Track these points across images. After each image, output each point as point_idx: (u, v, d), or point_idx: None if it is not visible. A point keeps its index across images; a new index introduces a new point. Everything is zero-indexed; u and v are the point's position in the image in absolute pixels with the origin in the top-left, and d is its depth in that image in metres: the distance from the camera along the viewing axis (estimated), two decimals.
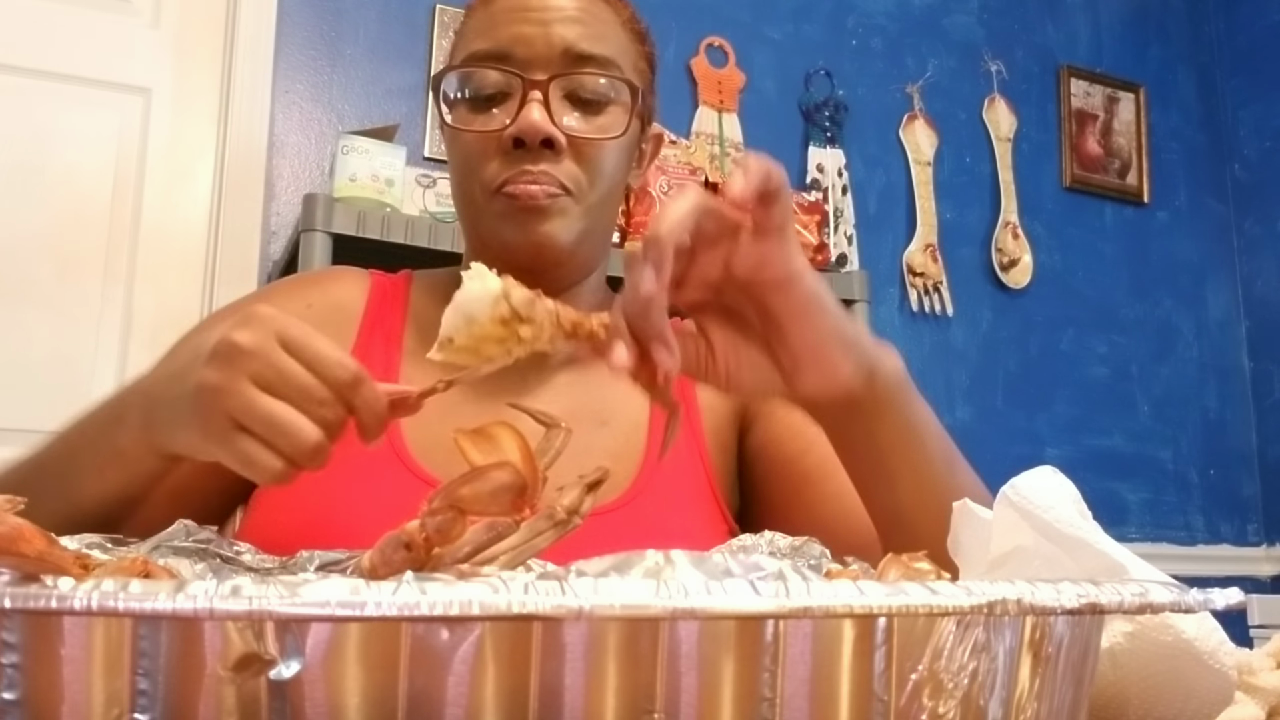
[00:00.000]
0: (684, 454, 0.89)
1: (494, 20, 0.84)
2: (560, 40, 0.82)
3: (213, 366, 0.53)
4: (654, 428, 0.89)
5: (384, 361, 0.87)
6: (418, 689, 0.33)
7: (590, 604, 0.32)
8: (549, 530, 0.50)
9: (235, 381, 0.52)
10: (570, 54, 0.83)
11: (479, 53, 0.84)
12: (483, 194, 0.84)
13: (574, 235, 0.85)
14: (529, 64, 0.82)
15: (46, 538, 0.35)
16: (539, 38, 0.82)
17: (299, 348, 0.53)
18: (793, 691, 0.35)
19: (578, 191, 0.83)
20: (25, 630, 0.32)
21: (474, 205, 0.86)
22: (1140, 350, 2.93)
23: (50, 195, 2.00)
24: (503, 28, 0.83)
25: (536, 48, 0.82)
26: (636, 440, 0.89)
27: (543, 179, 0.81)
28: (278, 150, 2.13)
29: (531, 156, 0.81)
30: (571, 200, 0.83)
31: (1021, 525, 0.50)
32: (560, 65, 0.83)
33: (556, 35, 0.82)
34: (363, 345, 0.88)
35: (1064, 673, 0.40)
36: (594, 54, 0.83)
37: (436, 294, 0.93)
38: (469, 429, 0.49)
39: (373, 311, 0.90)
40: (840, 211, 2.54)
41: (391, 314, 0.91)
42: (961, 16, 2.86)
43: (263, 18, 2.13)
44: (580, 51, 0.83)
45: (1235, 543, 2.96)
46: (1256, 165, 3.11)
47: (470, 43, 0.85)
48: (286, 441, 0.52)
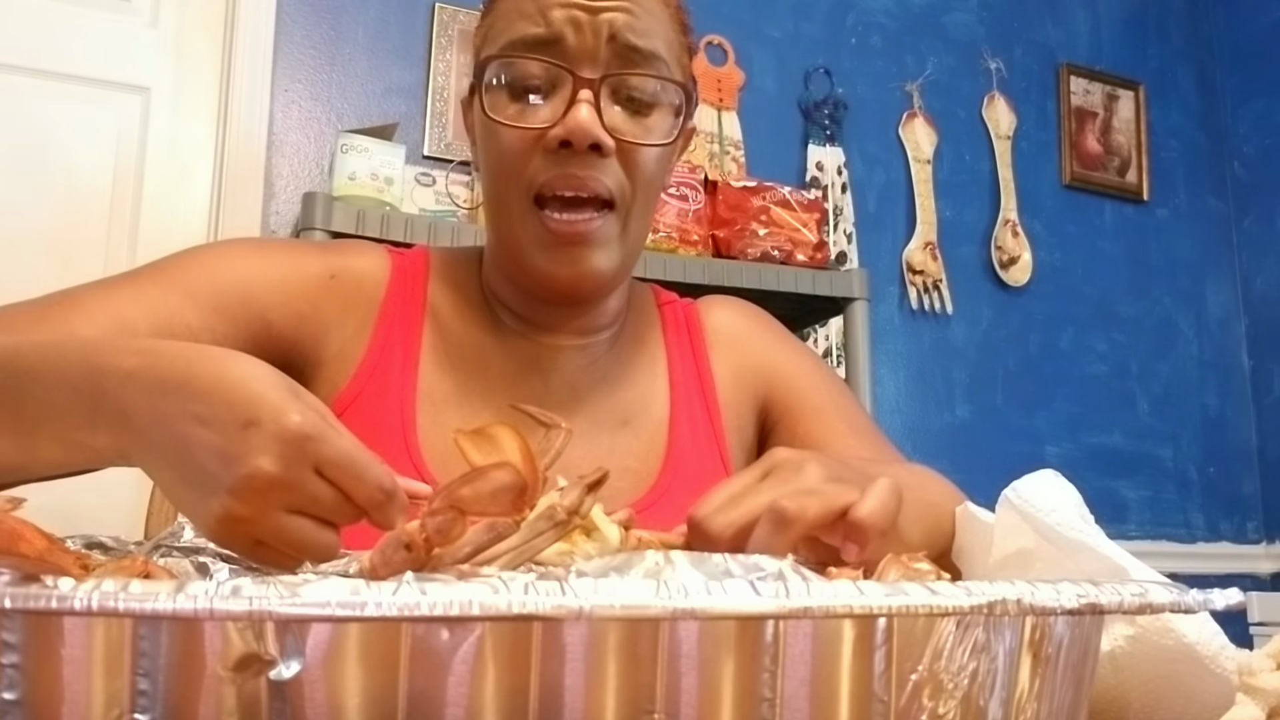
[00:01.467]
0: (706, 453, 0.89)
1: (540, 4, 0.79)
2: (609, 28, 0.78)
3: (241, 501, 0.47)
4: (674, 428, 0.89)
5: (401, 364, 0.85)
6: (418, 689, 0.33)
7: (590, 604, 0.32)
8: (549, 530, 0.50)
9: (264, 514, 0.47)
10: (621, 46, 0.79)
11: (525, 38, 0.79)
12: (521, 200, 0.79)
13: (616, 260, 0.82)
14: (577, 56, 0.78)
15: (46, 538, 0.35)
16: (588, 25, 0.78)
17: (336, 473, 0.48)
18: (793, 691, 0.35)
19: (620, 199, 0.80)
20: (25, 630, 0.32)
21: (507, 211, 0.81)
22: (1140, 348, 2.93)
23: (50, 194, 2.00)
24: (550, 12, 0.78)
25: (585, 36, 0.78)
26: (658, 440, 0.88)
27: (590, 184, 0.78)
28: (277, 149, 2.13)
29: (577, 160, 0.77)
30: (614, 216, 0.80)
31: (1023, 528, 0.50)
32: (609, 58, 0.79)
33: (606, 23, 0.78)
34: (379, 344, 0.85)
35: (1064, 673, 0.40)
36: (643, 48, 0.79)
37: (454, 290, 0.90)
38: (469, 429, 0.49)
39: (393, 296, 0.87)
40: (840, 210, 2.53)
41: (410, 309, 0.88)
42: (961, 14, 2.86)
43: (262, 17, 2.13)
44: (630, 44, 0.79)
45: (1235, 540, 2.96)
46: (1256, 163, 3.11)
47: (513, 25, 0.80)
48: (311, 555, 0.49)
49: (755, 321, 0.99)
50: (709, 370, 0.93)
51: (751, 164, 2.47)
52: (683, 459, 0.87)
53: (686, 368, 0.93)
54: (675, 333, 0.95)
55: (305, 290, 0.84)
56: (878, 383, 2.42)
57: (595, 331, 0.90)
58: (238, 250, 0.85)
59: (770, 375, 0.93)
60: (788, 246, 2.01)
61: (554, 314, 0.88)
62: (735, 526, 0.54)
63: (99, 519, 1.06)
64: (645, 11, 0.80)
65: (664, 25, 0.82)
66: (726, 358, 0.94)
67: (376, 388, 0.83)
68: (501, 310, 0.89)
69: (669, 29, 0.83)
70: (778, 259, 1.99)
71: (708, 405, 0.91)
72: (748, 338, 0.96)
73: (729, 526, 0.54)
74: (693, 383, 0.92)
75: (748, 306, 1.01)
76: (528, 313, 0.88)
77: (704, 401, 0.91)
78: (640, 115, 0.81)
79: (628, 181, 0.80)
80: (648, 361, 0.92)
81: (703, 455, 0.88)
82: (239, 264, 0.82)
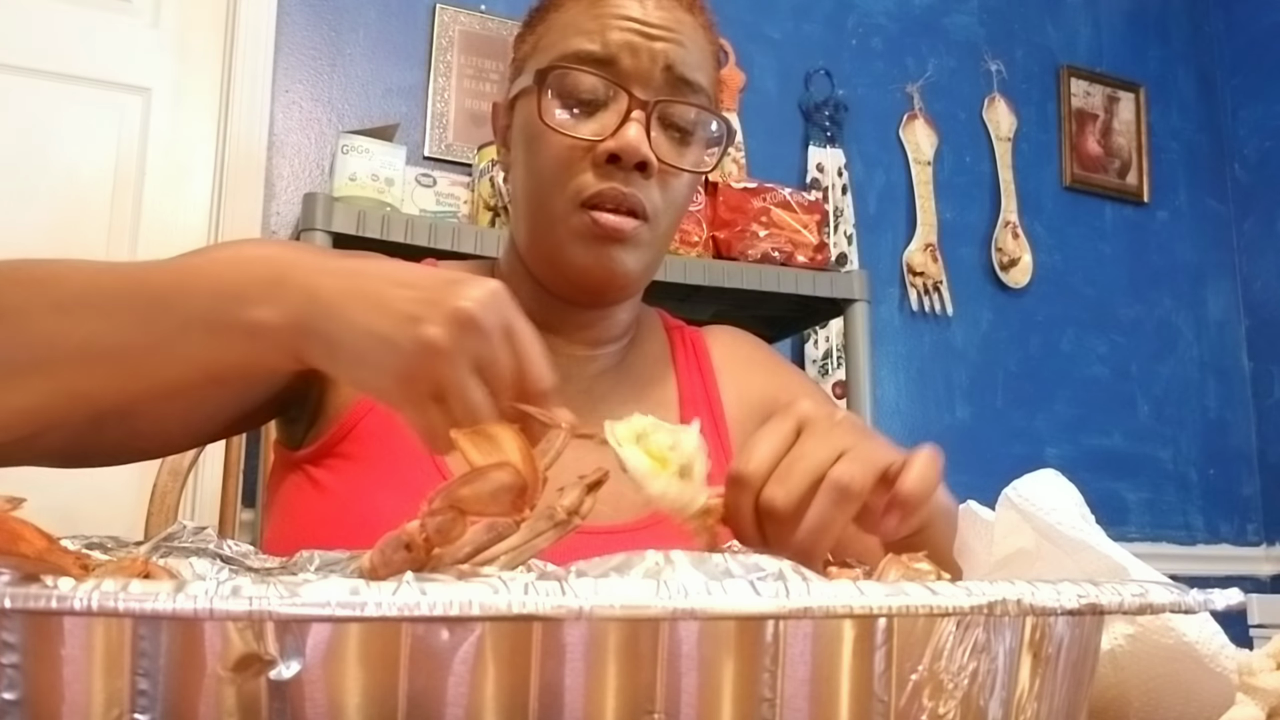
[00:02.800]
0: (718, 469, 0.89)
1: (601, 23, 0.83)
2: (665, 58, 0.82)
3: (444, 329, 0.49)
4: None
5: None
6: (418, 689, 0.33)
7: (590, 604, 0.32)
8: (549, 530, 0.50)
9: (459, 355, 0.50)
10: (672, 74, 0.82)
11: (583, 53, 0.82)
12: (566, 205, 0.83)
13: (644, 265, 0.86)
14: (633, 77, 0.82)
15: (46, 538, 0.35)
16: (644, 50, 0.82)
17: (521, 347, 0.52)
18: (793, 692, 0.35)
19: (654, 218, 0.84)
20: (25, 630, 0.32)
21: (549, 212, 0.84)
22: (1140, 350, 2.93)
23: (51, 195, 2.00)
24: (611, 32, 0.82)
25: (642, 60, 0.82)
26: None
27: (631, 200, 0.82)
28: (277, 149, 2.13)
29: (624, 176, 0.81)
30: (648, 229, 0.84)
31: (1023, 527, 0.51)
32: (661, 85, 0.82)
33: (661, 52, 0.82)
34: None
35: (1064, 673, 0.40)
36: (691, 80, 0.84)
37: None
38: (469, 429, 0.49)
39: None
40: (840, 211, 2.54)
41: None
42: (961, 16, 2.86)
43: (263, 17, 2.13)
44: (681, 74, 0.83)
45: (1235, 542, 2.96)
46: (1256, 165, 3.11)
47: (570, 39, 0.83)
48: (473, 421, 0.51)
49: (758, 350, 1.03)
50: (716, 391, 0.96)
51: (752, 165, 2.47)
52: None
53: (695, 387, 0.95)
54: (684, 355, 0.98)
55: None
56: (878, 384, 2.42)
57: (606, 342, 0.93)
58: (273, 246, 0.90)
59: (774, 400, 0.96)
60: (788, 248, 2.01)
61: (572, 318, 0.90)
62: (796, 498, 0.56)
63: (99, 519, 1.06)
64: (694, 45, 0.85)
65: (707, 60, 0.87)
66: (732, 381, 0.97)
67: None
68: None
69: (710, 64, 0.88)
70: (778, 260, 1.99)
71: (716, 423, 0.93)
72: (752, 364, 1.00)
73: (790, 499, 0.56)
74: (701, 401, 0.94)
75: (750, 336, 1.06)
76: (546, 317, 0.89)
77: (713, 419, 0.93)
78: (681, 142, 0.85)
79: (661, 202, 0.84)
80: (659, 378, 0.95)
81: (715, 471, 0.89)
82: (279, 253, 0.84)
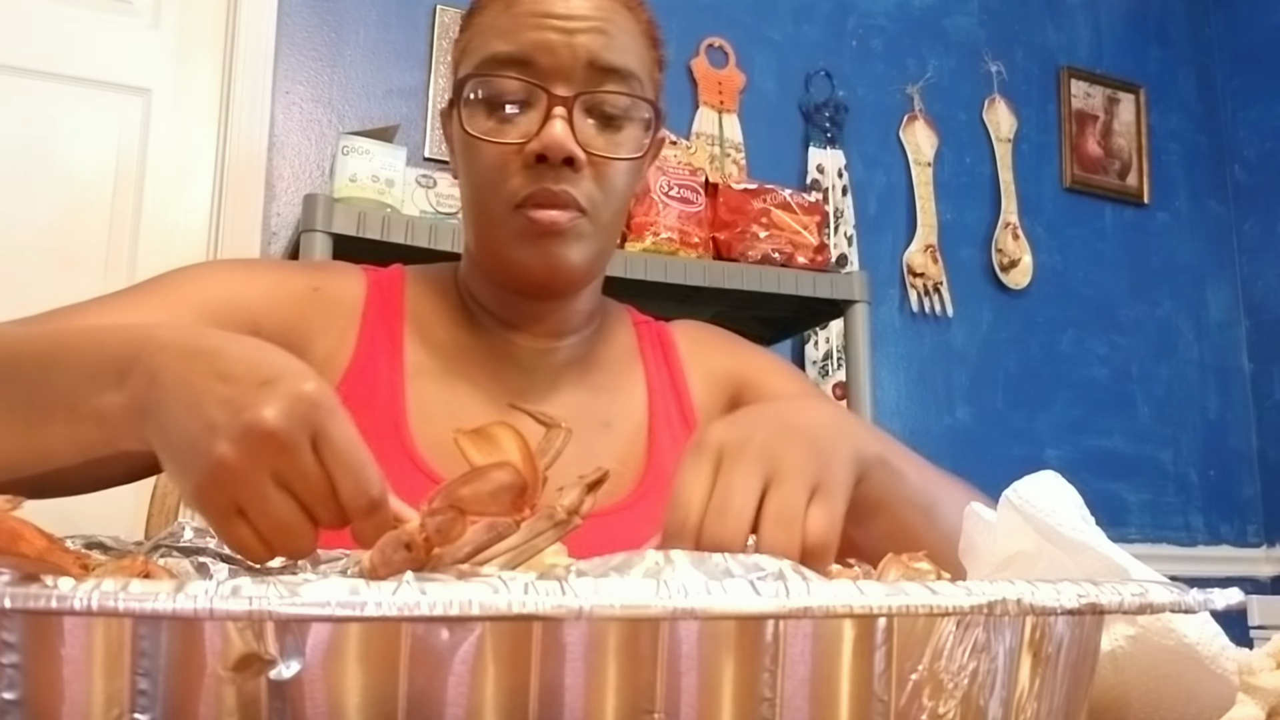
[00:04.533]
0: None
1: (516, 23, 0.83)
2: (585, 51, 0.82)
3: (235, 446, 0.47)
4: (654, 431, 0.91)
5: (388, 370, 0.87)
6: (418, 689, 0.33)
7: (590, 604, 0.32)
8: (549, 530, 0.50)
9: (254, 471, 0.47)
10: (594, 66, 0.82)
11: (500, 56, 0.83)
12: (501, 208, 0.83)
13: (589, 257, 0.86)
14: (552, 74, 0.82)
15: (46, 538, 0.35)
16: (563, 47, 0.82)
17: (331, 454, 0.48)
18: (793, 691, 0.35)
19: (593, 210, 0.84)
20: (25, 630, 0.32)
21: (488, 216, 0.85)
22: (1140, 351, 2.93)
23: (51, 195, 2.00)
24: (525, 32, 0.82)
25: (560, 58, 0.82)
26: (639, 442, 0.91)
27: (563, 198, 0.82)
28: (278, 151, 2.13)
29: (553, 174, 0.81)
30: (588, 221, 0.84)
31: (1024, 528, 0.50)
32: (584, 77, 0.82)
33: (581, 45, 0.82)
34: (364, 349, 0.88)
35: (1064, 673, 0.40)
36: (616, 67, 0.83)
37: (433, 296, 0.94)
38: (469, 429, 0.49)
39: (371, 310, 0.91)
40: (840, 212, 2.54)
41: (390, 315, 0.91)
42: (962, 17, 2.86)
43: (263, 18, 2.13)
44: (603, 64, 0.83)
45: (1235, 544, 2.96)
46: (1256, 166, 3.11)
47: (489, 43, 0.84)
48: (282, 544, 0.49)
49: (720, 335, 1.05)
50: (684, 380, 0.97)
51: (752, 166, 2.47)
52: (663, 461, 0.89)
53: (662, 378, 0.97)
54: (651, 347, 0.99)
55: (291, 299, 0.87)
56: (878, 385, 2.42)
57: (568, 333, 0.93)
58: (226, 266, 0.91)
59: (738, 378, 0.98)
60: (788, 249, 2.01)
61: (529, 311, 0.91)
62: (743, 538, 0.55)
63: (99, 519, 1.06)
64: (619, 30, 0.84)
65: (636, 41, 0.86)
66: (698, 368, 0.98)
67: (366, 390, 0.86)
68: (479, 312, 0.93)
69: (640, 44, 0.87)
70: (778, 261, 1.99)
71: (684, 411, 0.94)
72: (715, 348, 1.01)
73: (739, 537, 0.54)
74: (669, 391, 0.96)
75: (714, 327, 1.07)
76: (504, 313, 0.92)
77: (680, 408, 0.95)
78: (611, 130, 0.85)
79: (599, 193, 0.84)
80: (626, 369, 0.96)
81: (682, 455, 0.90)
82: (229, 277, 0.87)
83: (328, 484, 0.48)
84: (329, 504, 0.49)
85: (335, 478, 0.48)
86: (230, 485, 0.48)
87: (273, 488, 0.48)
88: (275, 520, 0.48)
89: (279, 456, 0.47)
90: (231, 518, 0.48)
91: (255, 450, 0.47)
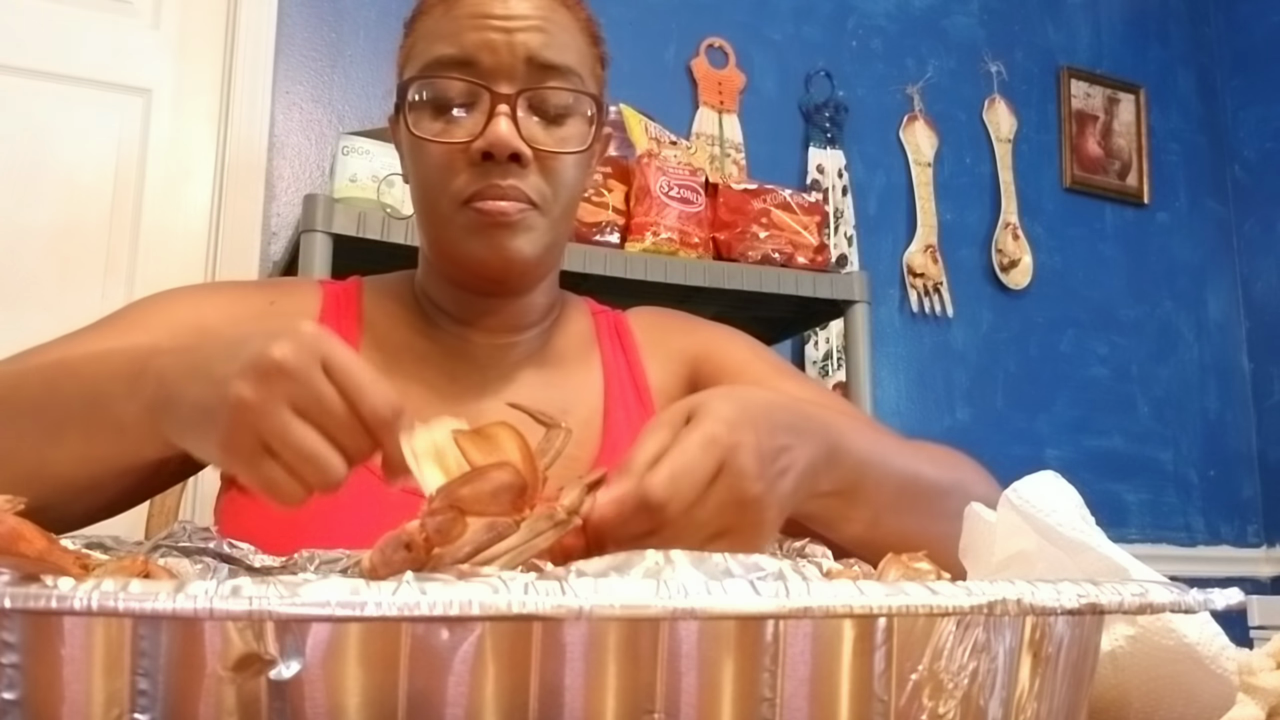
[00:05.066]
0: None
1: (457, 25, 0.85)
2: (524, 49, 0.84)
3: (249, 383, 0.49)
4: (609, 415, 0.94)
5: None
6: (418, 689, 0.33)
7: (590, 604, 0.32)
8: (549, 530, 0.50)
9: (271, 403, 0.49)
10: (534, 63, 0.84)
11: (442, 59, 0.85)
12: (450, 206, 0.85)
13: (540, 248, 0.87)
14: (494, 73, 0.83)
15: (46, 538, 0.35)
16: (503, 46, 0.83)
17: (343, 375, 0.50)
18: (793, 691, 0.35)
19: (543, 204, 0.85)
20: (25, 630, 0.32)
21: (438, 215, 0.87)
22: (1140, 351, 2.93)
23: (51, 195, 2.00)
24: (466, 34, 0.84)
25: (501, 56, 0.83)
26: (593, 431, 0.93)
27: (511, 193, 0.83)
28: (278, 151, 2.13)
29: (500, 170, 0.83)
30: (538, 214, 0.85)
31: (1024, 528, 0.51)
32: (525, 75, 0.84)
33: (520, 44, 0.84)
34: None
35: (1064, 673, 0.40)
36: (557, 64, 0.85)
37: (389, 302, 0.96)
38: (469, 429, 0.49)
39: (327, 322, 0.92)
40: (840, 212, 2.54)
41: (346, 324, 0.93)
42: (962, 17, 2.86)
43: (263, 18, 2.13)
44: (544, 61, 0.84)
45: (1235, 544, 2.96)
46: (1256, 166, 3.11)
47: (431, 46, 0.86)
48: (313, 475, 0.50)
49: (676, 316, 1.06)
50: (640, 364, 0.99)
51: (752, 167, 2.47)
52: (618, 445, 0.90)
53: (619, 364, 0.98)
54: (608, 337, 1.00)
55: (249, 316, 0.90)
56: (878, 385, 2.42)
57: (524, 328, 0.95)
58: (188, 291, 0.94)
59: (696, 353, 0.99)
60: (788, 249, 2.01)
61: (484, 308, 0.93)
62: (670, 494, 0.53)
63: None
64: (558, 28, 0.86)
65: (575, 39, 0.88)
66: (655, 351, 1.00)
67: None
68: (436, 314, 0.95)
69: (580, 41, 0.89)
70: (778, 262, 1.99)
71: (640, 394, 0.96)
72: (670, 330, 1.02)
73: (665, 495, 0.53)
74: (625, 376, 0.97)
75: (670, 310, 1.08)
76: (460, 311, 0.94)
77: (636, 391, 0.96)
78: (555, 125, 0.86)
79: (548, 187, 0.85)
80: (582, 358, 0.97)
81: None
82: (191, 300, 0.90)
83: (345, 406, 0.50)
84: (350, 426, 0.50)
85: (352, 397, 0.50)
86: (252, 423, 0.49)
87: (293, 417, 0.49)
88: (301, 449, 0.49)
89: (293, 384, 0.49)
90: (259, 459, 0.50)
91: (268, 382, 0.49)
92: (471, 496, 0.43)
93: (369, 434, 0.51)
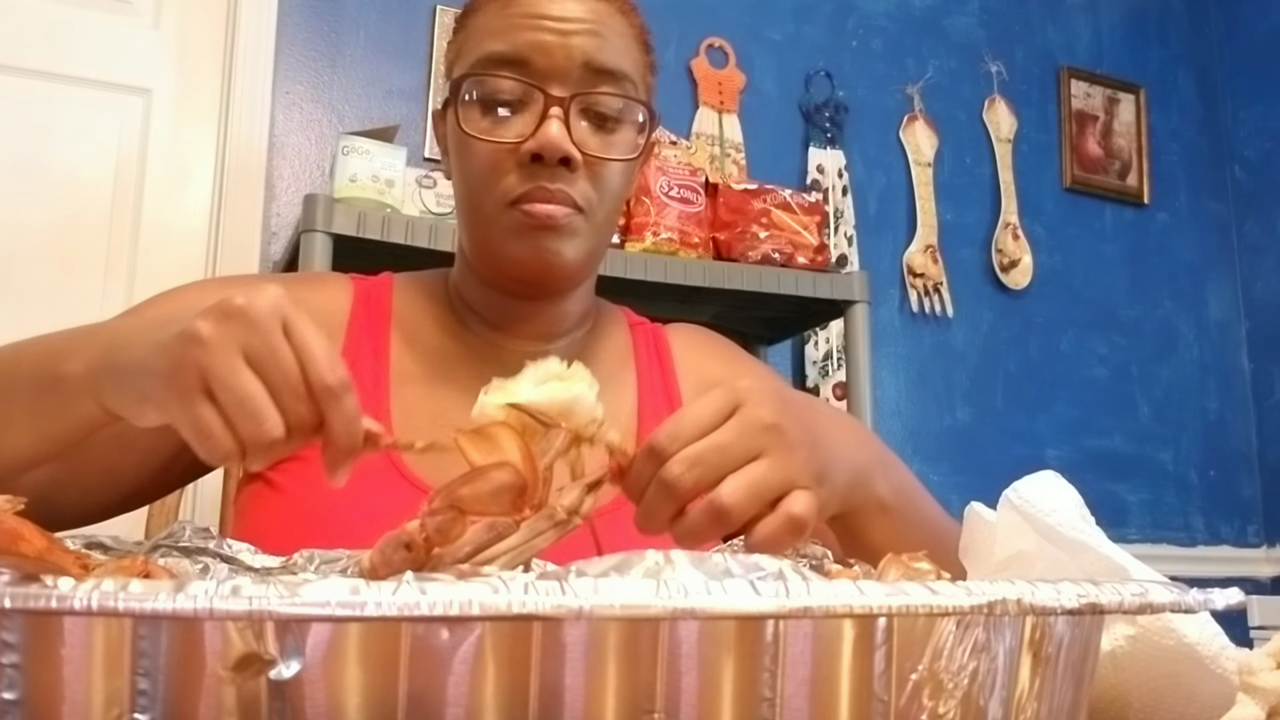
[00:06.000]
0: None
1: (511, 24, 0.83)
2: (580, 53, 0.82)
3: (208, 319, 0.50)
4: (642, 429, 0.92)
5: (373, 375, 0.88)
6: (418, 689, 0.33)
7: (590, 604, 0.32)
8: (549, 530, 0.50)
9: (224, 341, 0.49)
10: (589, 67, 0.83)
11: (495, 56, 0.83)
12: (495, 206, 0.84)
13: (582, 254, 0.86)
14: (548, 75, 0.82)
15: (46, 538, 0.35)
16: (558, 48, 0.82)
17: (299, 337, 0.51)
18: (793, 691, 0.35)
19: (589, 209, 0.84)
20: (25, 630, 0.32)
21: (482, 214, 0.86)
22: (1140, 351, 2.93)
23: (51, 195, 2.00)
24: (521, 33, 0.83)
25: (556, 59, 0.82)
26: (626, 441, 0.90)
27: (558, 196, 0.82)
28: (278, 151, 2.13)
29: (548, 173, 0.82)
30: (583, 219, 0.84)
31: (1024, 528, 0.51)
32: (579, 79, 0.83)
33: (576, 47, 0.82)
34: (350, 354, 0.88)
35: (1064, 673, 0.40)
36: (611, 69, 0.84)
37: (421, 300, 0.94)
38: (469, 429, 0.49)
39: (357, 319, 0.91)
40: (840, 212, 2.54)
41: (376, 321, 0.92)
42: (962, 18, 2.86)
43: (263, 18, 2.13)
44: (599, 65, 0.83)
45: (1235, 544, 2.96)
46: (1256, 167, 3.11)
47: (483, 43, 0.84)
48: (248, 426, 0.49)
49: (718, 343, 1.05)
50: (675, 383, 0.97)
51: (752, 167, 2.47)
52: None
53: (654, 379, 0.97)
54: (645, 350, 0.99)
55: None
56: (878, 386, 2.42)
57: (558, 335, 0.94)
58: (210, 284, 0.92)
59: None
60: (788, 249, 2.01)
61: (519, 312, 0.91)
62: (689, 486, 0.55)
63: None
64: (613, 33, 0.85)
65: (629, 44, 0.87)
66: (691, 372, 0.98)
67: None
68: (469, 316, 0.93)
69: (634, 49, 0.88)
70: (778, 261, 1.99)
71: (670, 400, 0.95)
72: (709, 354, 1.01)
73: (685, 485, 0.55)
74: (659, 392, 0.96)
75: (712, 333, 1.07)
76: (493, 315, 0.92)
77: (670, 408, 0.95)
78: (607, 132, 0.85)
79: (594, 192, 0.85)
80: (617, 370, 0.96)
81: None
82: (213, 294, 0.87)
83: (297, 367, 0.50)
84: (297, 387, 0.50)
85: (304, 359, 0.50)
86: (200, 358, 0.49)
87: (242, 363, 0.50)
88: (241, 396, 0.49)
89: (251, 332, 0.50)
90: (197, 400, 0.49)
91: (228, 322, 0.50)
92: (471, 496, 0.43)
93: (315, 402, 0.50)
